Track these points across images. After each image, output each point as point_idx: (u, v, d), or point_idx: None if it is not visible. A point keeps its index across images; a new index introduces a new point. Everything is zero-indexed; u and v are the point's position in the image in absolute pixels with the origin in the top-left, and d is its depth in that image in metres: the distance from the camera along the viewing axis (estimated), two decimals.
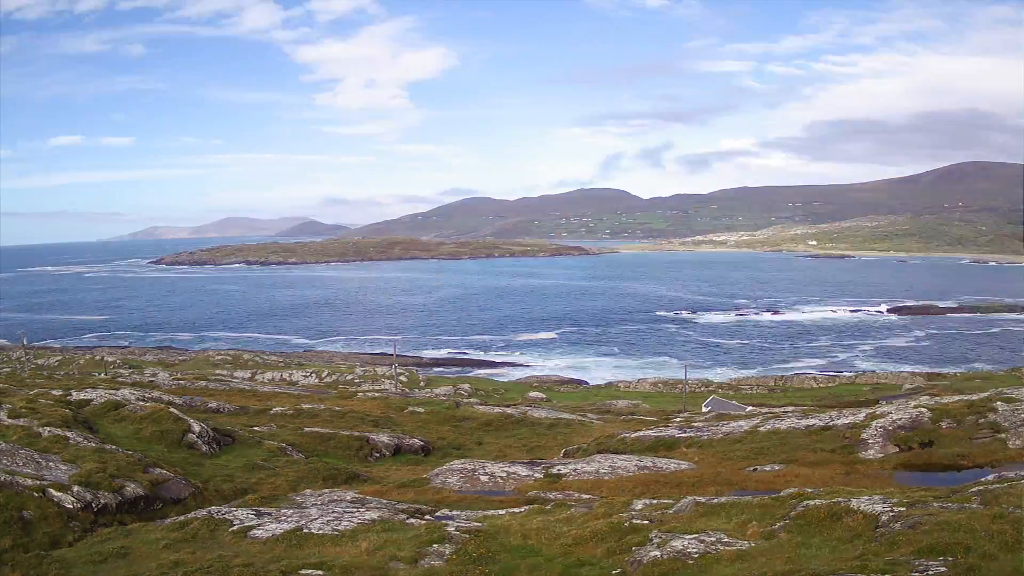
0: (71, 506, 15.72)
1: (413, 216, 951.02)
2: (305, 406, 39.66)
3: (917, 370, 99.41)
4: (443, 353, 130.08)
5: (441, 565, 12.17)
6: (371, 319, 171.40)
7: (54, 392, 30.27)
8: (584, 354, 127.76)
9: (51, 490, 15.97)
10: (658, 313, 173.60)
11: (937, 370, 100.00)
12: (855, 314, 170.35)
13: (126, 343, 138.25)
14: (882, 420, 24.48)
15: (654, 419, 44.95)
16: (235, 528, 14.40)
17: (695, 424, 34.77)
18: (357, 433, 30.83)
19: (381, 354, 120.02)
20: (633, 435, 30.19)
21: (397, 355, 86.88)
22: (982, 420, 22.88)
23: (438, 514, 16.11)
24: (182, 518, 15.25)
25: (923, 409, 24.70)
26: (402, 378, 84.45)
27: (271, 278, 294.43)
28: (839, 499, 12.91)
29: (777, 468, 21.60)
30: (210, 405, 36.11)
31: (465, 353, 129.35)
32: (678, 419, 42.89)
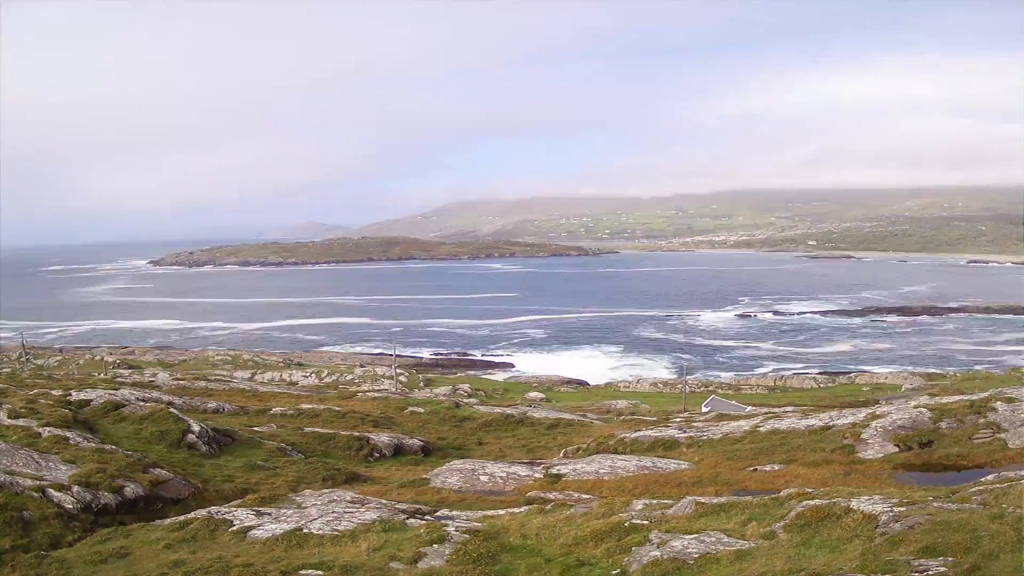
0: (71, 506, 15.72)
1: (413, 216, 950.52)
2: (305, 406, 39.66)
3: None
4: (444, 353, 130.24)
5: (441, 565, 12.18)
6: None
7: (54, 392, 30.26)
8: (584, 353, 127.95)
9: (51, 490, 15.96)
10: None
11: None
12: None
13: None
14: (882, 420, 24.48)
15: (654, 419, 44.94)
16: (235, 528, 14.40)
17: (695, 424, 34.77)
18: (357, 433, 30.81)
19: (380, 354, 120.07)
20: (633, 435, 30.19)
21: (396, 355, 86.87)
22: (982, 420, 22.88)
23: (438, 514, 16.11)
24: (182, 518, 15.25)
25: (923, 409, 24.70)
26: (402, 378, 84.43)
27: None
28: (839, 499, 12.91)
29: (777, 468, 21.61)
30: (210, 405, 36.10)
31: (467, 354, 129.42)
32: (678, 419, 42.89)
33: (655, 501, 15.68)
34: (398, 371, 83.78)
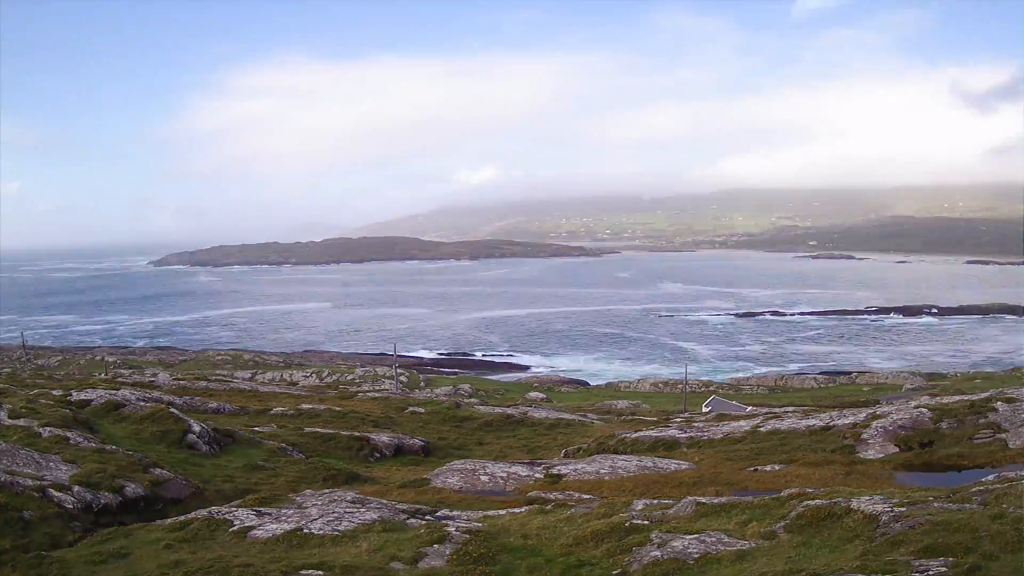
0: (71, 506, 15.71)
1: (413, 216, 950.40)
2: (305, 406, 39.65)
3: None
4: (445, 353, 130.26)
5: (441, 565, 12.17)
6: None
7: (54, 392, 30.26)
8: (584, 354, 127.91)
9: (51, 490, 15.96)
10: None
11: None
12: None
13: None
14: (882, 420, 24.47)
15: (654, 419, 44.94)
16: (235, 528, 14.39)
17: (695, 424, 34.77)
18: (358, 433, 30.81)
19: (381, 354, 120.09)
20: (633, 435, 30.18)
21: (397, 355, 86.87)
22: (982, 420, 22.87)
23: (438, 514, 16.10)
24: (182, 518, 15.23)
25: (923, 409, 24.69)
26: (402, 378, 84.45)
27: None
28: (839, 499, 12.90)
29: (777, 468, 21.60)
30: (210, 405, 36.10)
31: (468, 354, 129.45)
32: (678, 419, 42.89)
33: (656, 501, 15.67)
34: (398, 371, 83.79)
